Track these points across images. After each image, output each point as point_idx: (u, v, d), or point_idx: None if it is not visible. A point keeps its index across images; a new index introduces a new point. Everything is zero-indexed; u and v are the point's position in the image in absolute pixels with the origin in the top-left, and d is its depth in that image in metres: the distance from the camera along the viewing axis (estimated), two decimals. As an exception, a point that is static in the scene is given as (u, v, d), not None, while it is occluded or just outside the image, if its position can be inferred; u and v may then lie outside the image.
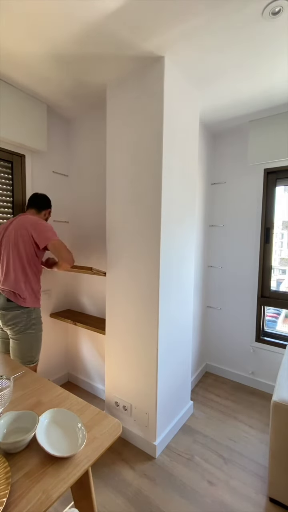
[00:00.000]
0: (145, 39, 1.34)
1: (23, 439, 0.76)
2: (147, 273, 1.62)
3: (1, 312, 1.55)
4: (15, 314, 1.54)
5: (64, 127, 2.31)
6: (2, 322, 1.56)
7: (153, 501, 1.38)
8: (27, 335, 1.57)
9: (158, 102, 1.50)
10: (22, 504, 0.63)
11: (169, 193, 1.61)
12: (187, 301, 1.92)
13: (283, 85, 1.73)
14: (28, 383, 1.12)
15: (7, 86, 1.74)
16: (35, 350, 1.62)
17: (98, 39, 1.34)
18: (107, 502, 1.38)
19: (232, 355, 2.57)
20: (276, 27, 1.26)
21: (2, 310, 1.55)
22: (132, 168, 1.65)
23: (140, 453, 1.68)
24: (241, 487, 1.47)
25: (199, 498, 1.41)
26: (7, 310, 1.54)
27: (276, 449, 1.33)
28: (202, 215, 2.43)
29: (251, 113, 2.12)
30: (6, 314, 1.54)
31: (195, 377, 2.47)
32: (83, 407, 0.98)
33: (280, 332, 2.42)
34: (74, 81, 1.72)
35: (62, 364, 2.46)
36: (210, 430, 1.90)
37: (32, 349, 1.60)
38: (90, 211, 2.21)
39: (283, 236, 2.42)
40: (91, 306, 2.30)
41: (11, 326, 1.54)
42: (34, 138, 1.93)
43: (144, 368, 1.67)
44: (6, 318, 1.54)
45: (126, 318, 1.74)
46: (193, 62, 1.52)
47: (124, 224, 1.72)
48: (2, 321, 1.56)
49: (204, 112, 2.08)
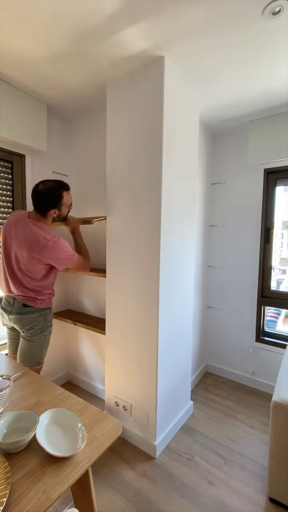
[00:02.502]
0: (145, 39, 1.34)
1: (23, 439, 0.76)
2: (147, 273, 1.62)
3: (18, 316, 1.50)
4: (32, 317, 1.51)
5: (64, 127, 2.31)
6: (19, 326, 1.52)
7: (153, 501, 1.38)
8: (41, 337, 1.55)
9: (158, 102, 1.50)
10: (22, 504, 0.63)
11: (169, 193, 1.60)
12: (187, 301, 1.92)
13: (283, 85, 1.73)
14: (28, 383, 1.12)
15: (7, 86, 1.74)
16: (44, 352, 1.60)
17: (98, 39, 1.34)
18: (107, 502, 1.38)
19: (232, 355, 2.57)
20: (276, 27, 1.25)
21: (19, 315, 1.50)
22: (132, 168, 1.65)
23: (140, 453, 1.68)
24: (241, 487, 1.47)
25: (199, 498, 1.41)
26: (24, 314, 1.50)
27: (276, 449, 1.33)
28: (202, 215, 2.43)
29: (251, 113, 2.12)
30: (24, 318, 1.50)
31: (195, 377, 2.47)
32: (83, 407, 0.98)
33: (280, 332, 2.41)
34: (74, 80, 1.72)
35: (62, 364, 2.46)
36: (210, 430, 1.90)
37: (43, 351, 1.59)
38: (90, 211, 2.21)
39: (283, 236, 2.42)
40: (91, 306, 2.30)
41: (28, 329, 1.51)
42: (34, 138, 1.93)
43: (144, 368, 1.67)
44: (24, 322, 1.51)
45: (126, 318, 1.74)
46: (193, 62, 1.52)
47: (124, 224, 1.71)
48: (19, 325, 1.52)
49: (204, 112, 2.08)
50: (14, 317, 1.51)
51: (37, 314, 1.52)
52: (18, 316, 1.50)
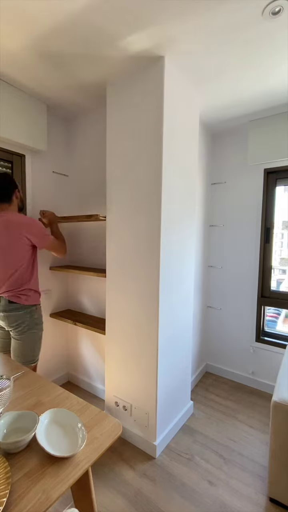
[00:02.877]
0: (145, 39, 1.34)
1: (23, 439, 0.76)
2: (147, 273, 1.62)
3: (4, 314, 1.54)
4: (18, 315, 1.54)
5: (64, 127, 2.31)
6: (6, 323, 1.56)
7: (153, 501, 1.38)
8: (30, 335, 1.57)
9: (158, 102, 1.50)
10: (22, 504, 0.63)
11: (169, 193, 1.60)
12: (187, 301, 1.92)
13: (283, 85, 1.73)
14: (28, 383, 1.12)
15: (7, 86, 1.74)
16: (37, 350, 1.62)
17: (98, 39, 1.34)
18: (107, 502, 1.38)
19: (232, 355, 2.57)
20: (276, 27, 1.25)
21: (5, 312, 1.54)
22: (132, 168, 1.65)
23: (140, 453, 1.68)
24: (241, 487, 1.47)
25: (199, 498, 1.41)
26: (9, 311, 1.54)
27: (276, 449, 1.33)
28: (202, 215, 2.43)
29: (251, 113, 2.12)
30: (9, 316, 1.54)
31: (195, 377, 2.47)
32: (83, 407, 0.98)
33: (280, 332, 2.41)
34: (74, 81, 1.72)
35: (62, 364, 2.46)
36: (210, 430, 1.90)
37: (34, 349, 1.61)
38: (90, 211, 2.21)
39: (283, 236, 2.42)
40: (91, 306, 2.30)
41: (15, 327, 1.54)
42: (34, 138, 1.93)
43: (144, 368, 1.67)
44: (10, 320, 1.54)
45: (126, 318, 1.74)
46: (193, 62, 1.52)
47: (124, 224, 1.71)
48: (5, 322, 1.56)
49: (204, 112, 2.08)
50: (1, 315, 1.55)
51: (22, 312, 1.55)
52: (4, 314, 1.54)
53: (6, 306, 1.54)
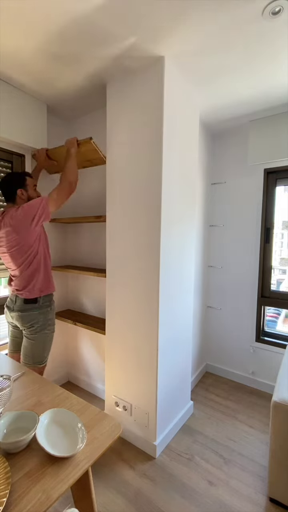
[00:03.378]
0: (145, 39, 1.34)
1: (23, 439, 0.76)
2: (147, 273, 1.62)
3: (19, 313, 1.55)
4: (32, 315, 1.54)
5: (64, 127, 2.31)
6: (20, 323, 1.56)
7: (153, 501, 1.38)
8: (42, 336, 1.57)
9: (158, 102, 1.50)
10: (22, 504, 0.63)
11: (169, 193, 1.60)
12: (187, 301, 1.92)
13: (283, 85, 1.73)
14: (28, 383, 1.12)
15: (6, 86, 1.74)
16: (47, 351, 1.62)
17: (97, 38, 1.34)
18: (107, 502, 1.38)
19: (232, 355, 2.57)
20: (276, 27, 1.25)
21: (20, 312, 1.54)
22: (132, 168, 1.65)
23: (140, 453, 1.68)
24: (241, 487, 1.47)
25: (199, 498, 1.41)
26: (24, 311, 1.54)
27: (276, 449, 1.33)
28: (202, 215, 2.43)
29: (251, 113, 2.12)
30: (24, 316, 1.54)
31: (195, 377, 2.47)
32: (83, 407, 0.98)
33: (280, 332, 2.41)
34: (74, 81, 1.72)
35: (62, 364, 2.46)
36: (210, 430, 1.90)
37: (45, 350, 1.60)
38: (91, 211, 2.21)
39: (283, 236, 2.42)
40: (91, 306, 2.30)
41: (28, 326, 1.55)
42: (34, 138, 1.92)
43: (144, 368, 1.67)
44: (24, 320, 1.54)
45: (126, 318, 1.74)
46: (193, 62, 1.52)
47: (124, 224, 1.71)
48: (20, 322, 1.56)
49: (204, 112, 2.08)
50: (16, 314, 1.56)
51: (36, 312, 1.56)
52: (19, 313, 1.55)
53: (21, 306, 1.55)
